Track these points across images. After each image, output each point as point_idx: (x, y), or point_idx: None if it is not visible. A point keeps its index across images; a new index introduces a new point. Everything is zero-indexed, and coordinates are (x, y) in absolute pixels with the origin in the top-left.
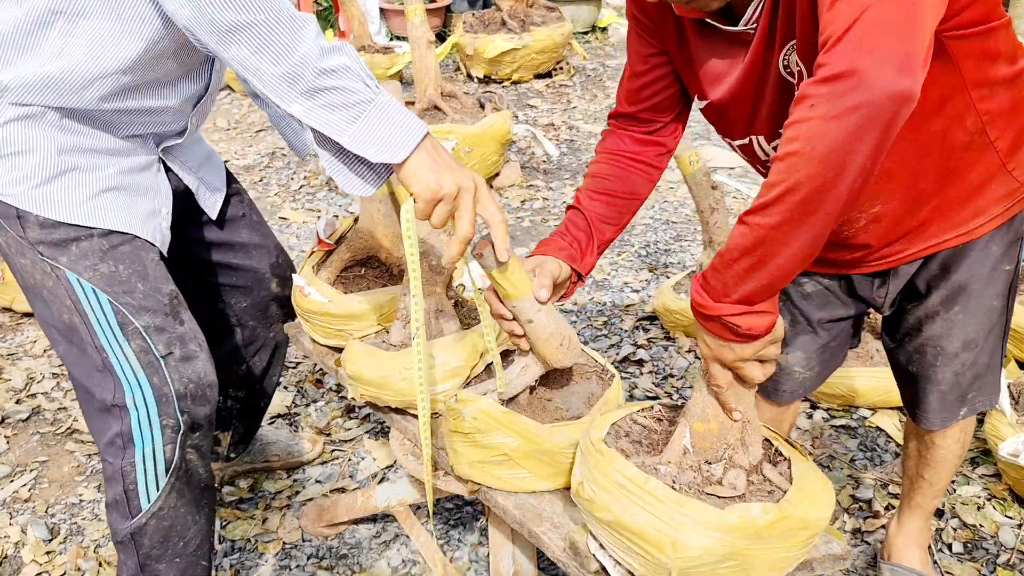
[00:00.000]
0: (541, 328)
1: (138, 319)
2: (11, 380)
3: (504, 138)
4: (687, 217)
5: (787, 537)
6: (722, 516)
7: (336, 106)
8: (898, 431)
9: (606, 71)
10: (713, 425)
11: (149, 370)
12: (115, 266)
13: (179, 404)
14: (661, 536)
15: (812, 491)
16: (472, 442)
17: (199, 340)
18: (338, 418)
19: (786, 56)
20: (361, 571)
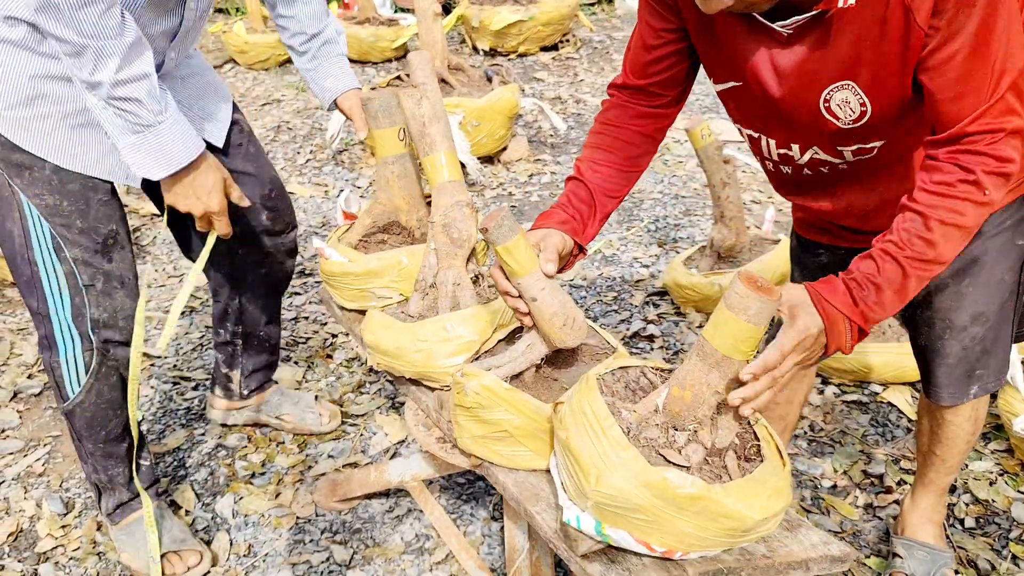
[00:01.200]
0: (545, 307)
1: (70, 250)
2: (23, 355)
3: (511, 112)
4: (696, 191)
5: (703, 517)
6: (648, 470)
7: (125, 119)
8: (910, 406)
9: (613, 43)
10: (687, 394)
11: (73, 291)
12: (60, 200)
13: (93, 325)
14: (591, 467)
15: (753, 491)
16: (475, 417)
17: (124, 278)
18: (349, 393)
19: (831, 91)
20: (375, 545)
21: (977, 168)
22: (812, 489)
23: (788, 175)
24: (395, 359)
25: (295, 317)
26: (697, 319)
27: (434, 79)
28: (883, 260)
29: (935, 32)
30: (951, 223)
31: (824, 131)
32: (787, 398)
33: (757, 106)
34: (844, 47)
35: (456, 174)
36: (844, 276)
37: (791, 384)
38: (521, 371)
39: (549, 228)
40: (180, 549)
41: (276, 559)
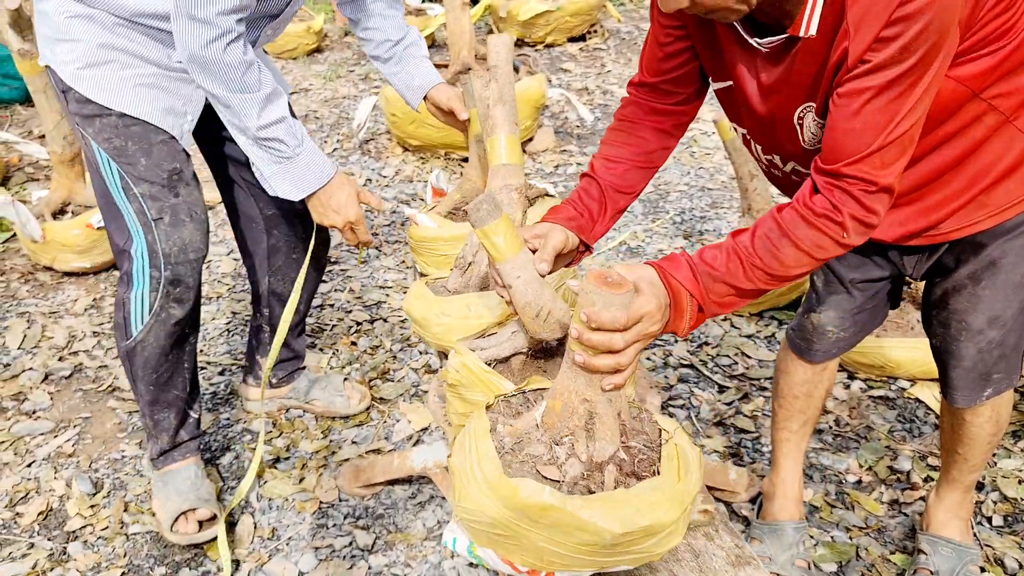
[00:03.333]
0: (518, 295)
1: (138, 186)
2: (54, 338)
3: (538, 102)
4: (723, 184)
5: (556, 531)
6: (503, 482)
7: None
8: (937, 403)
9: (641, 34)
10: (558, 404)
11: (145, 228)
12: (125, 142)
13: (164, 260)
14: (458, 480)
15: (618, 504)
16: (457, 394)
17: (192, 211)
18: (375, 379)
19: (802, 111)
20: (397, 531)
21: (845, 210)
22: (837, 484)
23: (779, 179)
24: (423, 329)
25: (320, 304)
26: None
27: (509, 64)
28: (730, 258)
29: (860, 65)
30: (805, 250)
31: (796, 149)
32: (806, 392)
33: (744, 111)
34: (805, 72)
35: (514, 158)
36: (687, 256)
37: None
38: (506, 356)
39: (554, 224)
40: (197, 508)
41: (299, 543)
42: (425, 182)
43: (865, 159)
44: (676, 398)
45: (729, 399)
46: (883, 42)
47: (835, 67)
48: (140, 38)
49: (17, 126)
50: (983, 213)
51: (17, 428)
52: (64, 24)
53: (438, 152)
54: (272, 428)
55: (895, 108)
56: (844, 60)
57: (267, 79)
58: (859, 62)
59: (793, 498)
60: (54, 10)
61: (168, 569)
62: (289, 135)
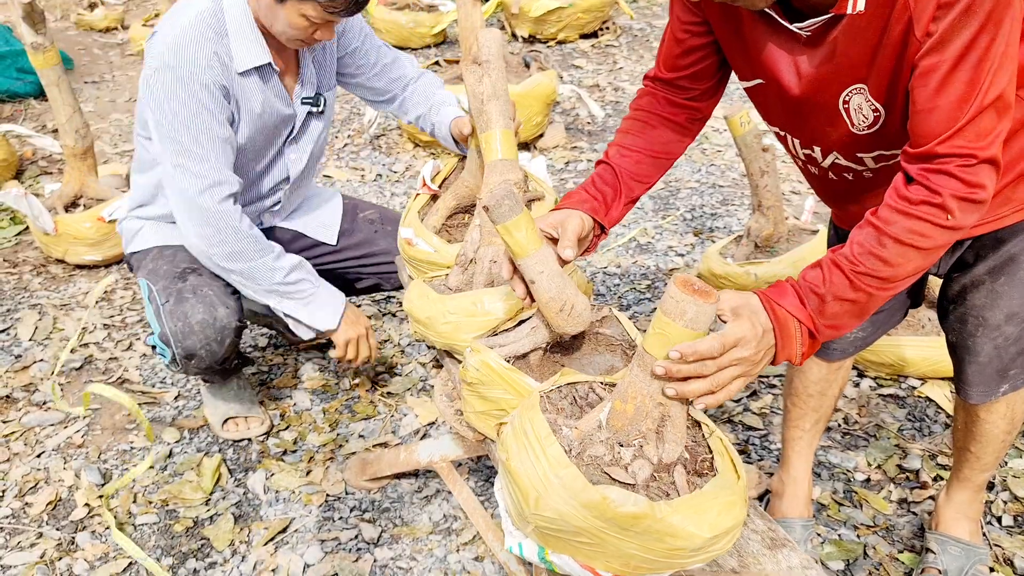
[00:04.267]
0: (542, 290)
1: (155, 286)
2: (64, 330)
3: (549, 98)
4: (734, 181)
5: (648, 537)
6: (587, 490)
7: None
8: (948, 402)
9: (653, 31)
10: (630, 407)
11: (157, 317)
12: (157, 263)
13: (173, 338)
14: (530, 489)
15: (701, 507)
16: (476, 393)
17: (196, 290)
18: (383, 373)
19: (849, 94)
20: (403, 525)
21: (944, 190)
22: (845, 482)
23: (816, 176)
24: (427, 328)
25: None
26: None
27: (500, 58)
28: (831, 271)
29: (928, 39)
30: (908, 243)
31: (841, 136)
32: (820, 390)
33: (780, 105)
34: (855, 52)
35: (510, 153)
36: (792, 281)
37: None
38: (525, 352)
39: (569, 210)
40: (248, 415)
41: (306, 535)
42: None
43: (958, 133)
44: None
45: (737, 396)
46: (944, 8)
47: (900, 42)
48: None
49: (31, 120)
50: (1008, 208)
51: (27, 419)
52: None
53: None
54: (280, 420)
55: (976, 76)
56: (909, 33)
57: (273, 246)
58: (926, 35)
59: (802, 496)
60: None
61: (175, 559)
62: (308, 274)
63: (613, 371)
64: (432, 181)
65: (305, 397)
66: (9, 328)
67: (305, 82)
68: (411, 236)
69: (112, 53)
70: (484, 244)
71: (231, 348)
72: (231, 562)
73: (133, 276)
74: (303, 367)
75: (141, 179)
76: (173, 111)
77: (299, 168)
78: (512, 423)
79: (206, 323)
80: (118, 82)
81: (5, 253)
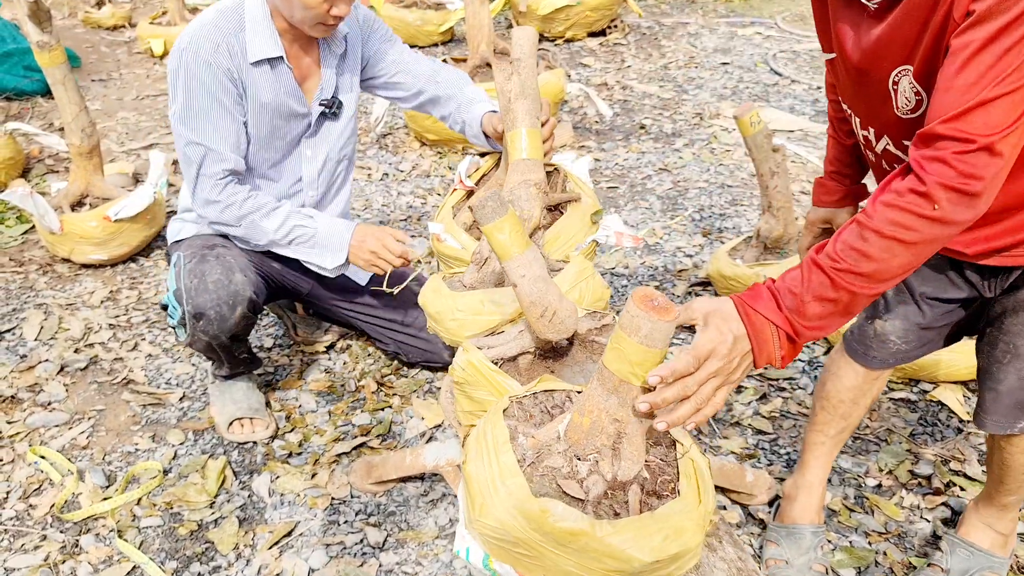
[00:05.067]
0: (524, 294)
1: (184, 253)
2: (70, 330)
3: (557, 97)
4: (744, 181)
5: (585, 556)
6: (528, 501)
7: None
8: (961, 406)
9: (661, 30)
10: (586, 421)
11: (176, 276)
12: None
13: (186, 295)
14: (478, 494)
15: (646, 530)
16: (464, 392)
17: (220, 257)
18: (390, 375)
19: (898, 75)
20: (408, 529)
21: (931, 178)
22: (856, 488)
23: (874, 164)
24: (437, 324)
25: None
26: None
27: (532, 57)
28: (810, 271)
29: (965, 20)
30: (890, 235)
31: (890, 118)
32: (852, 398)
33: (845, 78)
34: (907, 30)
35: (535, 152)
36: (768, 283)
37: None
38: (514, 355)
39: (834, 210)
40: (254, 417)
41: (310, 539)
42: (442, 176)
43: (963, 116)
44: None
45: (747, 399)
46: None
47: (941, 25)
48: None
49: (38, 118)
50: None
51: (32, 420)
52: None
53: (455, 146)
54: (286, 422)
55: (1000, 61)
56: (949, 15)
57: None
58: (965, 15)
59: (815, 503)
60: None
61: (179, 563)
62: (301, 219)
63: None
64: (470, 178)
65: (311, 399)
66: (15, 328)
67: (324, 87)
68: (440, 232)
69: (119, 51)
70: None
71: (241, 321)
72: (235, 566)
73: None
74: (309, 368)
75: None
76: (177, 87)
77: (314, 168)
78: (479, 426)
79: (220, 283)
80: (125, 80)
81: (11, 252)
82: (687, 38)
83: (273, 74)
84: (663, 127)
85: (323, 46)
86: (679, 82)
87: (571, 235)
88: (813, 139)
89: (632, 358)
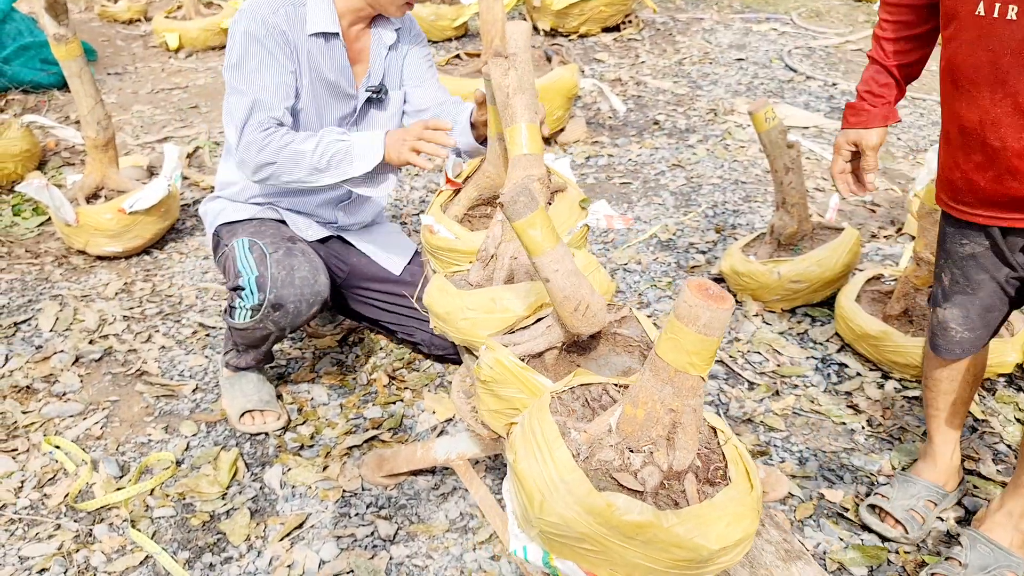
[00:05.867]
0: (556, 289)
1: (262, 241)
2: (85, 321)
3: (570, 92)
4: (758, 177)
5: (653, 547)
6: (592, 495)
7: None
8: (976, 405)
9: (676, 25)
10: (640, 412)
11: (259, 263)
12: (261, 227)
13: (271, 284)
14: (535, 492)
15: (709, 518)
16: (490, 391)
17: (305, 252)
18: (401, 368)
19: None
20: (419, 522)
21: None
22: (868, 485)
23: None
24: (446, 323)
25: None
26: (753, 307)
27: (527, 51)
28: None
29: None
30: None
31: None
32: (948, 377)
33: None
34: None
35: (535, 147)
36: None
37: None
38: (540, 351)
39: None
40: (265, 409)
41: (321, 531)
42: None
43: None
44: (705, 395)
45: (759, 396)
46: None
47: None
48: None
49: (55, 111)
50: None
51: (47, 410)
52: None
53: None
54: (297, 415)
55: None
56: None
57: (300, 132)
58: None
59: (941, 467)
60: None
61: (191, 554)
62: (334, 134)
63: (630, 372)
64: (458, 177)
65: (323, 391)
66: (30, 319)
67: (373, 73)
68: (432, 223)
69: (135, 45)
70: (506, 240)
71: (310, 319)
72: (247, 557)
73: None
74: (321, 361)
75: (229, 159)
76: (234, 41)
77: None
78: (522, 423)
79: (306, 281)
80: (140, 74)
81: (27, 244)
82: (702, 34)
83: (327, 47)
84: (677, 123)
85: (375, 35)
86: (693, 78)
87: (561, 222)
88: (828, 135)
89: (689, 348)
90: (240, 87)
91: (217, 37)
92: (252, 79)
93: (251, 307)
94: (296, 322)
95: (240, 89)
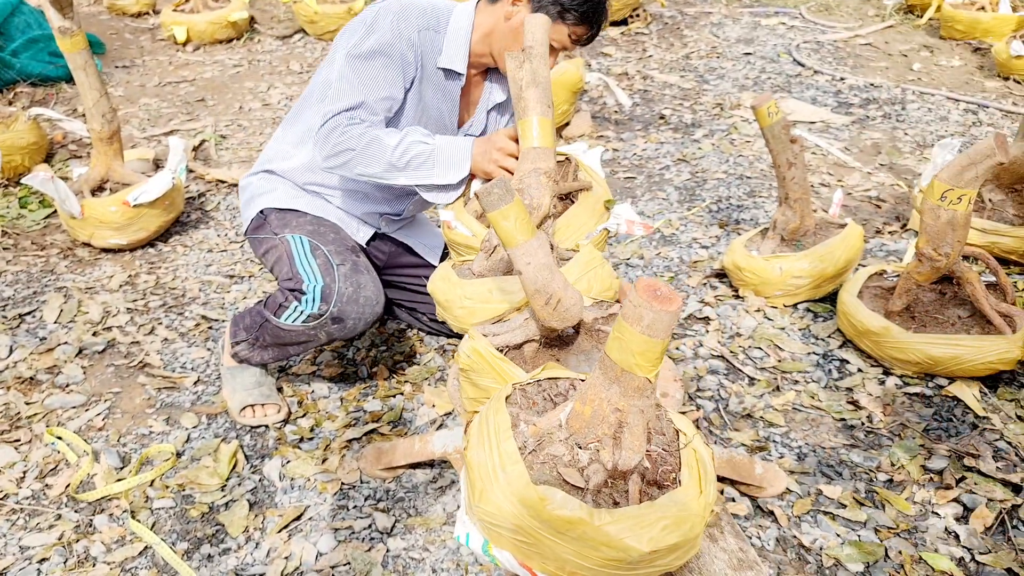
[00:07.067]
0: (528, 282)
1: (326, 247)
2: (88, 313)
3: (576, 86)
4: (762, 172)
5: (582, 544)
6: (527, 488)
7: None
8: (977, 401)
9: (684, 19)
10: (587, 410)
11: (325, 272)
12: (318, 226)
13: (337, 297)
14: (477, 480)
15: (644, 520)
16: (468, 379)
17: (369, 270)
18: (401, 362)
19: None
20: (417, 515)
21: None
22: (867, 482)
23: None
24: (446, 311)
25: None
26: (756, 303)
27: (544, 45)
28: None
29: None
30: None
31: None
32: None
33: None
34: None
35: (546, 141)
36: None
37: None
38: (519, 343)
39: None
40: (266, 402)
41: (319, 523)
42: None
43: None
44: (705, 390)
45: (759, 392)
46: None
47: None
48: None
49: (62, 103)
50: None
51: (50, 401)
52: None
53: None
54: (298, 407)
55: None
56: None
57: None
58: None
59: None
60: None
61: (190, 544)
62: (419, 134)
63: None
64: None
65: (323, 385)
66: (35, 310)
67: (475, 124)
68: (451, 219)
69: (143, 38)
70: None
71: (360, 335)
72: (245, 548)
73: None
74: (321, 354)
75: (290, 133)
76: (372, 36)
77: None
78: (481, 413)
79: (370, 302)
80: (148, 67)
81: (33, 236)
82: (710, 28)
83: (447, 83)
84: (683, 117)
85: (487, 89)
86: (700, 72)
87: (581, 223)
88: (835, 130)
89: (634, 348)
90: (354, 81)
91: (224, 30)
92: (370, 82)
93: (310, 314)
94: (347, 336)
95: (353, 83)
